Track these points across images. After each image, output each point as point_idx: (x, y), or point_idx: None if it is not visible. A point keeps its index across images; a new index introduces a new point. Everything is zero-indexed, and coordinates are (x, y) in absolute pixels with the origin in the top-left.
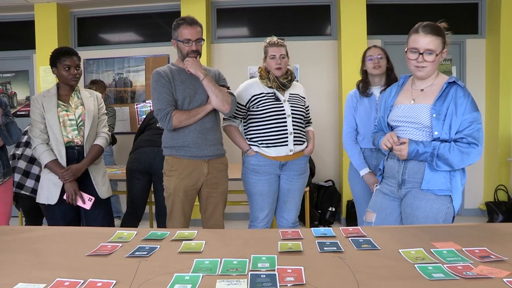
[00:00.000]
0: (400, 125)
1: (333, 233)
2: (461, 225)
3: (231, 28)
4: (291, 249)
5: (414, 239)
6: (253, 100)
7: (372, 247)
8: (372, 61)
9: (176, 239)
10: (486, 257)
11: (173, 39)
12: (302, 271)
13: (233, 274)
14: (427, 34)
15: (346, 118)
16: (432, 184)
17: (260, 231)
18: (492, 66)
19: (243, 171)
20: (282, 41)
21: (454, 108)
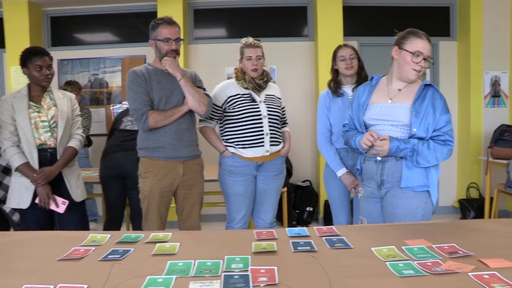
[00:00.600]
0: (377, 123)
1: (307, 233)
2: (432, 223)
3: (209, 29)
4: (265, 249)
5: (387, 237)
6: (229, 101)
7: (345, 246)
8: (345, 62)
9: (150, 241)
10: (455, 253)
11: (151, 39)
12: (275, 271)
13: (207, 275)
14: (429, 42)
15: (320, 118)
16: (410, 181)
17: (235, 232)
18: (464, 68)
19: (220, 172)
20: (258, 42)
21: (432, 108)
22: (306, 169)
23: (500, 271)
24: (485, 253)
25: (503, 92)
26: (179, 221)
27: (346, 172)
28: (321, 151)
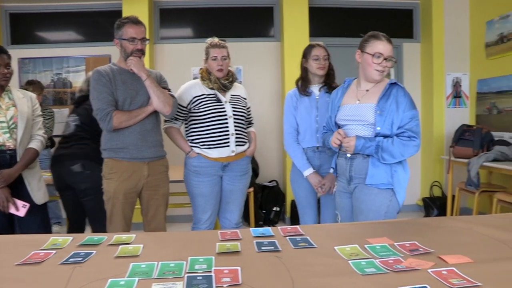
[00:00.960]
0: (347, 123)
1: (271, 233)
2: (395, 221)
3: (175, 29)
4: (229, 249)
5: (350, 236)
6: (194, 101)
7: (309, 246)
8: (318, 62)
9: (113, 243)
10: (415, 250)
11: (117, 38)
12: (238, 271)
13: (170, 277)
14: (388, 42)
15: (287, 118)
16: (375, 179)
17: (199, 233)
18: (427, 69)
19: (185, 173)
20: (223, 42)
21: (396, 106)
22: (272, 169)
23: (458, 267)
24: (444, 250)
25: (464, 93)
26: (144, 223)
27: (313, 172)
28: (288, 151)
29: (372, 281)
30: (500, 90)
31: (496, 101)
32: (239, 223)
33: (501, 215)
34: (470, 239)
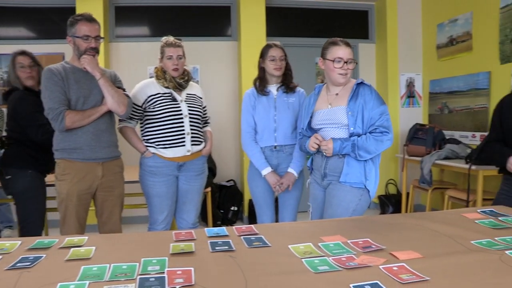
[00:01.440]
0: (322, 127)
1: (226, 232)
2: (349, 219)
3: (131, 27)
4: (183, 250)
5: (305, 235)
6: (149, 100)
7: (263, 245)
8: (274, 62)
9: (65, 246)
10: (368, 247)
11: (69, 35)
12: (192, 272)
13: (122, 279)
14: (347, 46)
15: (244, 117)
16: (349, 177)
17: (153, 233)
18: (381, 69)
19: (141, 173)
20: (179, 41)
21: (364, 104)
22: (230, 169)
23: (408, 263)
24: (396, 246)
25: (417, 93)
26: (99, 224)
27: (271, 171)
28: (246, 150)
29: (325, 279)
30: (450, 91)
31: (447, 101)
32: (196, 223)
33: (449, 211)
34: (420, 235)
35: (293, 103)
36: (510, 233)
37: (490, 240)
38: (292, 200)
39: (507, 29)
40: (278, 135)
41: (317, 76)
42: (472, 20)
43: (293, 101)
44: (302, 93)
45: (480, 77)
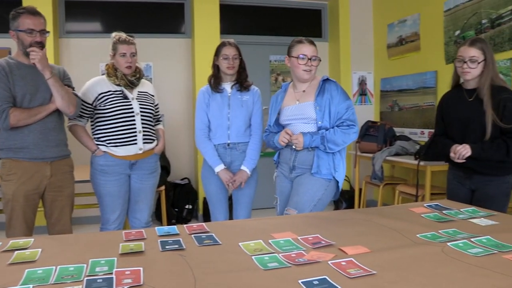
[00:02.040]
0: (291, 122)
1: (176, 231)
2: (299, 216)
3: (82, 23)
4: (132, 250)
5: (255, 232)
6: (100, 98)
7: (213, 243)
8: (227, 61)
9: (9, 249)
10: (318, 243)
11: (12, 29)
12: (140, 271)
13: (68, 281)
14: (311, 44)
15: (198, 114)
16: (319, 169)
17: (102, 234)
18: (334, 68)
19: (91, 172)
20: (132, 38)
21: (331, 99)
22: (184, 167)
23: (356, 257)
24: (345, 242)
25: (369, 90)
26: (48, 226)
27: (224, 168)
28: (199, 148)
29: (274, 276)
30: (400, 89)
31: (397, 99)
32: (149, 222)
33: (397, 206)
34: (369, 230)
35: (247, 101)
36: (453, 225)
37: (434, 233)
38: (245, 198)
39: (450, 31)
40: (231, 132)
41: (271, 74)
42: (419, 21)
43: (247, 99)
44: (256, 91)
45: (427, 76)
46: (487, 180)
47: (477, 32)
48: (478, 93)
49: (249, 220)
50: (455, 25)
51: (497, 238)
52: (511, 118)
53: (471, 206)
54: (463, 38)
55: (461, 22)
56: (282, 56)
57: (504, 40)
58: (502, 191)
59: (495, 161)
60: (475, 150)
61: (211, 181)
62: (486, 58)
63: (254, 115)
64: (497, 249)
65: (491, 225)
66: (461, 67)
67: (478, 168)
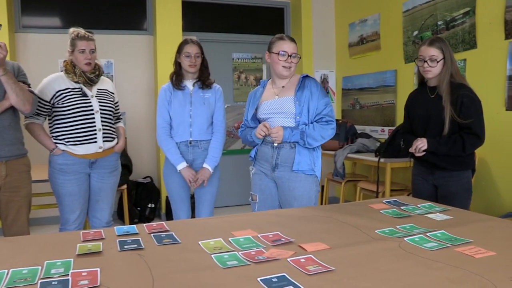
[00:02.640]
0: (269, 117)
1: (136, 231)
2: (261, 213)
3: (39, 17)
4: (90, 250)
5: (216, 230)
6: (58, 95)
7: (173, 241)
8: (189, 59)
9: None
10: (278, 241)
11: None
12: (97, 272)
13: (21, 285)
14: (292, 41)
15: (160, 112)
16: (301, 165)
17: (60, 234)
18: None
19: (50, 171)
20: (91, 34)
21: (310, 95)
22: (146, 165)
23: (315, 254)
24: (304, 239)
25: (331, 89)
26: (3, 228)
27: (186, 166)
28: (161, 145)
29: (233, 274)
30: (361, 87)
31: (358, 97)
32: (110, 221)
33: (357, 203)
34: (328, 226)
35: (209, 98)
36: (410, 221)
37: (392, 228)
38: (208, 196)
39: (409, 32)
40: (193, 130)
41: (234, 72)
42: (380, 21)
43: (208, 97)
44: (218, 89)
45: (387, 75)
46: (448, 176)
47: (434, 33)
48: (438, 90)
49: (210, 218)
50: (413, 26)
51: (450, 232)
52: (468, 114)
53: (428, 202)
54: (421, 38)
55: (419, 23)
56: (245, 54)
57: (458, 42)
58: (463, 187)
59: (454, 156)
60: (431, 144)
61: (173, 179)
62: (445, 57)
63: (216, 113)
64: (450, 243)
65: (445, 219)
66: (422, 66)
67: (438, 163)
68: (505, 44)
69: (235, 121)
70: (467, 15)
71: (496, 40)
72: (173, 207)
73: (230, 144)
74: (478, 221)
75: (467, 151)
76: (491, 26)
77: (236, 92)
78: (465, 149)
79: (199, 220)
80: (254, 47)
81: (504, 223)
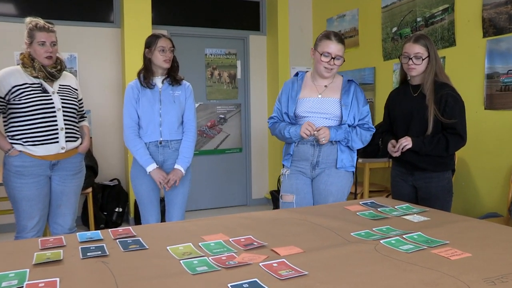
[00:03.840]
0: (311, 115)
1: (100, 236)
2: (233, 216)
3: None
4: (49, 259)
5: (186, 234)
6: (14, 91)
7: (140, 247)
8: (164, 54)
9: None
10: (250, 245)
11: None
12: (57, 282)
13: None
14: (339, 42)
15: (127, 110)
16: (343, 163)
17: (14, 243)
18: (272, 62)
19: (5, 174)
20: (52, 25)
21: (356, 101)
22: (113, 167)
23: (289, 258)
24: (278, 242)
25: None
26: None
27: (156, 168)
28: (129, 146)
29: (203, 280)
30: None
31: None
32: (74, 228)
33: (333, 205)
34: (303, 229)
35: (179, 96)
36: (386, 223)
37: (368, 230)
38: (179, 198)
39: (388, 28)
40: (163, 129)
41: (206, 68)
42: (358, 17)
43: (178, 95)
44: (188, 87)
45: (366, 72)
46: (428, 177)
47: (413, 30)
48: (422, 89)
49: (180, 222)
50: (392, 22)
51: (427, 233)
52: (451, 113)
53: (405, 203)
54: (400, 35)
55: (398, 19)
56: (219, 50)
57: (437, 39)
58: (444, 188)
59: (434, 156)
60: (416, 143)
61: (142, 181)
62: (430, 55)
63: (187, 111)
64: (426, 245)
65: (422, 221)
66: (407, 64)
67: (418, 163)
68: (483, 42)
69: (208, 120)
70: (446, 12)
71: (475, 38)
72: (142, 211)
73: (203, 144)
74: (455, 222)
75: (450, 151)
76: (469, 23)
77: (209, 90)
78: (448, 149)
79: (168, 224)
80: (228, 42)
81: (481, 224)
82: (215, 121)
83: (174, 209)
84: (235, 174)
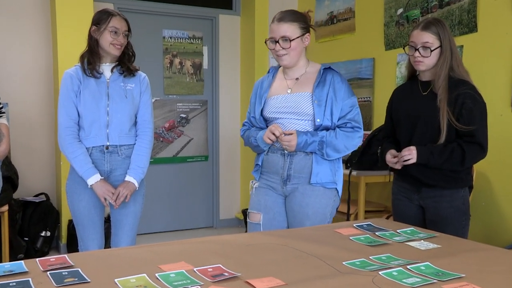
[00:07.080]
0: (279, 116)
1: (24, 268)
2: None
3: None
4: None
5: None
6: None
7: (79, 281)
8: (116, 37)
9: None
10: (219, 275)
11: None
12: None
13: None
14: (281, 22)
15: (64, 107)
16: (320, 177)
17: None
18: (248, 47)
19: None
20: None
21: (333, 93)
22: (41, 178)
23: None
24: (253, 273)
25: None
26: None
27: (100, 180)
28: (64, 152)
29: None
30: None
31: None
32: None
33: (321, 227)
34: (284, 257)
35: (132, 90)
36: (386, 250)
37: (364, 259)
38: (130, 218)
39: (392, 9)
40: (111, 131)
41: (164, 55)
42: None
43: (132, 88)
44: (144, 79)
45: (363, 65)
46: (438, 196)
47: (423, 12)
48: (433, 87)
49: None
50: (397, 2)
51: (437, 264)
52: (469, 118)
53: (410, 226)
54: (407, 18)
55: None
56: (180, 32)
57: (453, 23)
58: (458, 209)
59: (446, 170)
60: (422, 154)
61: (81, 197)
62: (442, 45)
63: (142, 110)
64: (436, 278)
65: (431, 248)
66: (413, 55)
67: (425, 179)
68: None
69: (166, 121)
70: None
71: (502, 22)
72: (80, 234)
73: (159, 150)
74: (473, 250)
75: (466, 164)
76: (496, 3)
77: (168, 82)
78: (464, 163)
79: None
80: (193, 22)
81: (507, 255)
82: (175, 121)
83: (122, 231)
84: (199, 188)
